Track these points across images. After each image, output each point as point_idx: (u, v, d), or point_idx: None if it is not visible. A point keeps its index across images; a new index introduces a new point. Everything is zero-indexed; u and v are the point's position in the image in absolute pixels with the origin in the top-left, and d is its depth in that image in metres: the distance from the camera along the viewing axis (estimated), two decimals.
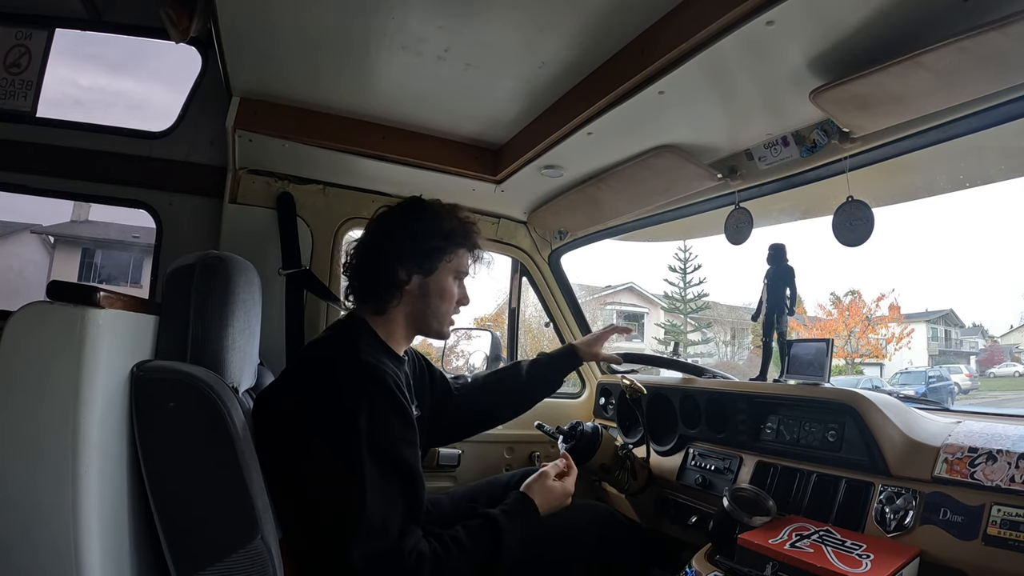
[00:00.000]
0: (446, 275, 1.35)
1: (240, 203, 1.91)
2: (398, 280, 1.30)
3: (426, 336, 1.41)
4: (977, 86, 1.10)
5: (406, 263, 1.30)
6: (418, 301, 1.33)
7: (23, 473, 0.83)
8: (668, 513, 1.75)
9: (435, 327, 1.37)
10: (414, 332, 1.38)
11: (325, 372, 1.18)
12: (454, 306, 1.39)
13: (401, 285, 1.31)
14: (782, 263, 1.71)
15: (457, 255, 1.36)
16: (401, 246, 1.31)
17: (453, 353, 2.33)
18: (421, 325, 1.36)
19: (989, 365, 20.24)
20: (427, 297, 1.34)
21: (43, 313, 0.86)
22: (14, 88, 1.86)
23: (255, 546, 0.96)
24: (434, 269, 1.33)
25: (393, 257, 1.30)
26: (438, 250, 1.33)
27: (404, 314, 1.34)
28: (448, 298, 1.36)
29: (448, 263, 1.35)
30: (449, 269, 1.35)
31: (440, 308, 1.35)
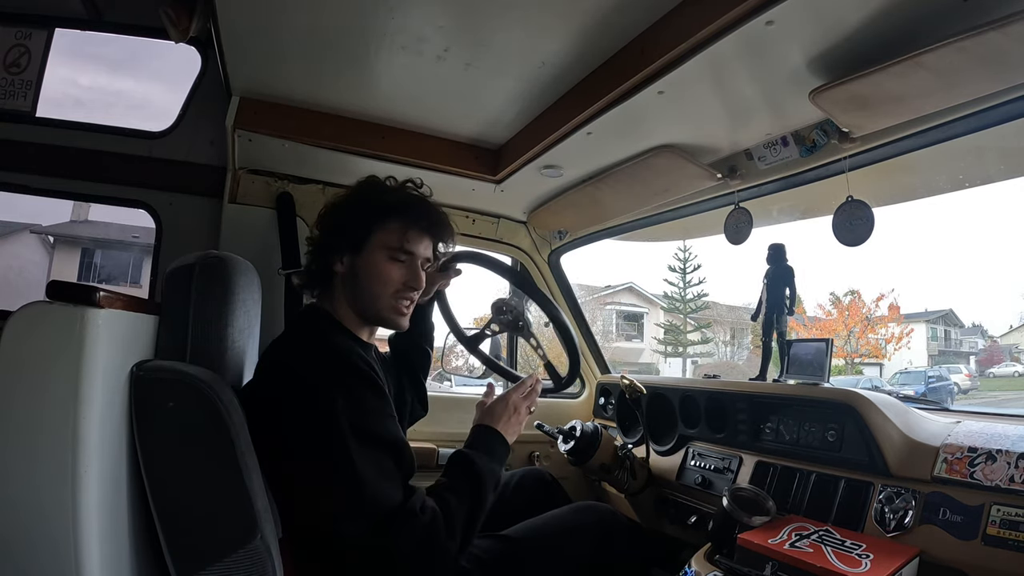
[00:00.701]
0: (376, 253, 1.24)
1: (240, 203, 1.91)
2: (327, 261, 1.25)
3: (373, 323, 1.31)
4: (977, 86, 1.10)
5: (334, 243, 1.25)
6: (350, 284, 1.25)
7: (23, 473, 0.83)
8: (668, 513, 1.75)
9: (372, 312, 1.26)
10: (363, 321, 1.29)
11: (293, 365, 1.15)
12: (395, 288, 1.26)
13: (331, 267, 1.25)
14: (782, 263, 1.71)
15: (387, 230, 1.25)
16: (331, 226, 1.27)
17: (453, 353, 2.32)
18: (362, 311, 1.27)
19: (989, 365, 20.23)
20: (357, 279, 1.25)
21: (43, 313, 0.86)
22: (14, 88, 1.85)
23: (255, 546, 0.96)
24: (361, 247, 1.24)
25: (323, 239, 1.27)
26: (362, 225, 1.24)
27: (344, 300, 1.27)
28: (381, 280, 1.24)
29: (376, 238, 1.24)
30: (378, 246, 1.24)
31: (373, 290, 1.24)
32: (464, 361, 2.28)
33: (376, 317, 1.28)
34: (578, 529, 1.41)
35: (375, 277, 1.24)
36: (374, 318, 1.28)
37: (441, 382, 5.03)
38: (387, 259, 1.25)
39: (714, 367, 18.43)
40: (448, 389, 4.98)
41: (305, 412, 1.09)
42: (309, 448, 1.09)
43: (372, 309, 1.26)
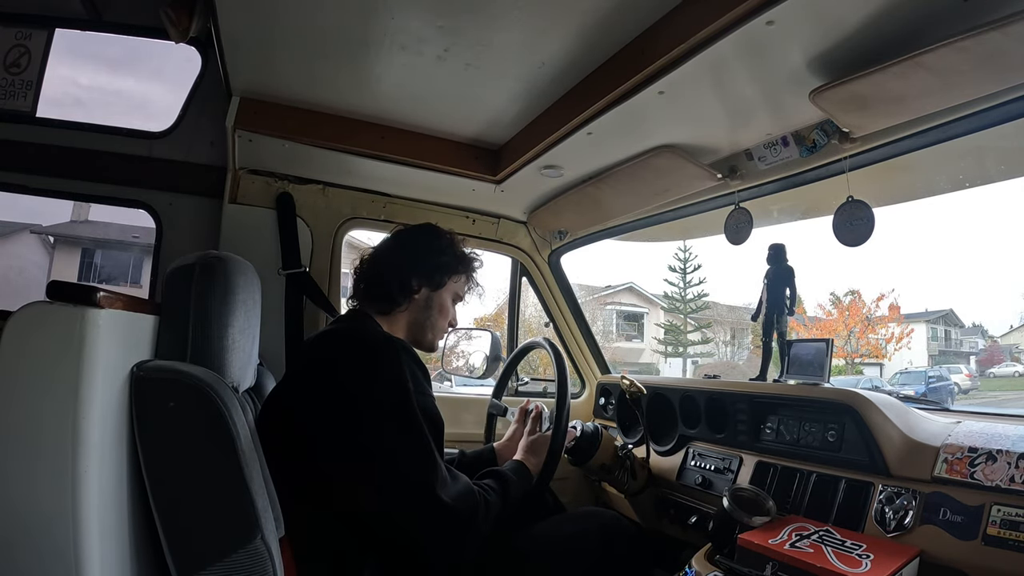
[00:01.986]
0: (448, 294, 1.49)
1: (240, 203, 1.91)
2: (410, 287, 1.42)
3: (418, 347, 1.48)
4: (977, 86, 1.10)
5: (419, 274, 1.43)
6: (421, 311, 1.45)
7: (23, 473, 0.83)
8: (668, 513, 1.75)
9: (429, 338, 1.48)
10: (409, 339, 1.46)
11: (359, 351, 1.23)
12: (447, 325, 1.51)
13: (412, 293, 1.43)
14: (782, 263, 1.71)
15: (460, 279, 1.51)
16: (418, 258, 1.44)
17: (453, 353, 2.33)
18: (418, 334, 1.47)
19: (989, 365, 20.23)
20: (430, 309, 1.46)
21: (43, 313, 0.86)
22: (14, 88, 1.85)
23: (255, 546, 0.96)
24: (441, 285, 1.46)
25: (409, 266, 1.43)
26: (448, 269, 1.46)
27: (406, 320, 1.45)
28: (445, 315, 1.49)
29: (452, 283, 1.49)
30: (451, 289, 1.49)
31: (438, 322, 1.48)
32: (464, 361, 2.28)
33: (428, 342, 1.49)
34: (581, 536, 1.42)
35: (442, 312, 1.48)
36: (426, 342, 1.49)
37: (441, 382, 5.03)
38: (451, 301, 1.51)
39: (714, 367, 18.44)
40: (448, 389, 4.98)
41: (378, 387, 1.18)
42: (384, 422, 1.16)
43: (428, 335, 1.48)
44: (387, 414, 1.17)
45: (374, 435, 1.16)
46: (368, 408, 1.16)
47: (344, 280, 2.12)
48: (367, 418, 1.16)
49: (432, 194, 2.12)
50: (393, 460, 1.15)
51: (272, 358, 1.76)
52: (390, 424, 1.16)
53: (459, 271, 1.49)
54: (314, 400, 1.19)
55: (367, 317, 1.41)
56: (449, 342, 2.33)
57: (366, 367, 1.20)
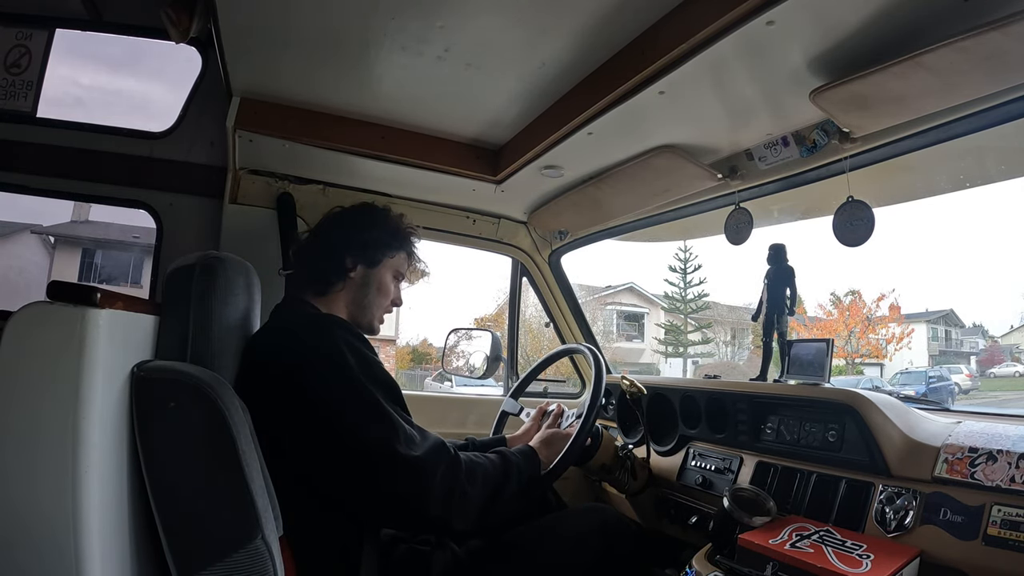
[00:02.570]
0: (386, 271, 1.46)
1: (240, 203, 1.91)
2: (345, 266, 1.40)
3: (359, 326, 1.43)
4: (977, 86, 1.10)
5: (353, 252, 1.40)
6: (358, 290, 1.42)
7: (23, 473, 0.83)
8: (668, 513, 1.75)
9: (367, 318, 1.45)
10: (349, 320, 1.41)
11: (293, 338, 1.23)
12: (388, 303, 1.48)
13: (347, 271, 1.40)
14: (782, 263, 1.71)
15: (399, 256, 1.48)
16: (351, 236, 1.42)
17: (453, 353, 2.33)
18: (357, 314, 1.43)
19: (989, 365, 20.22)
20: (367, 287, 1.43)
21: (43, 313, 0.86)
22: (14, 88, 1.86)
23: (256, 546, 0.96)
24: (377, 263, 1.43)
25: (343, 245, 1.41)
26: (383, 245, 1.44)
27: (344, 300, 1.42)
28: (384, 293, 1.46)
29: (390, 260, 1.46)
30: (390, 266, 1.46)
31: (376, 300, 1.45)
32: (464, 361, 2.29)
33: (367, 322, 1.45)
34: (583, 533, 1.42)
35: (381, 290, 1.45)
36: (365, 323, 1.45)
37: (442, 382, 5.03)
38: (392, 278, 1.47)
39: (715, 367, 18.44)
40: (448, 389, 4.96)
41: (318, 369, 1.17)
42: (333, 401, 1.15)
43: (368, 314, 1.45)
44: (330, 388, 1.16)
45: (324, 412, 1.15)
46: (312, 388, 1.16)
47: None
48: (313, 398, 1.15)
49: (432, 194, 2.12)
50: (345, 428, 1.14)
51: None
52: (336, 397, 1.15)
53: (394, 247, 1.46)
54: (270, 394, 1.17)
55: (302, 303, 1.38)
56: (449, 342, 2.33)
57: (303, 358, 1.19)
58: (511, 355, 2.49)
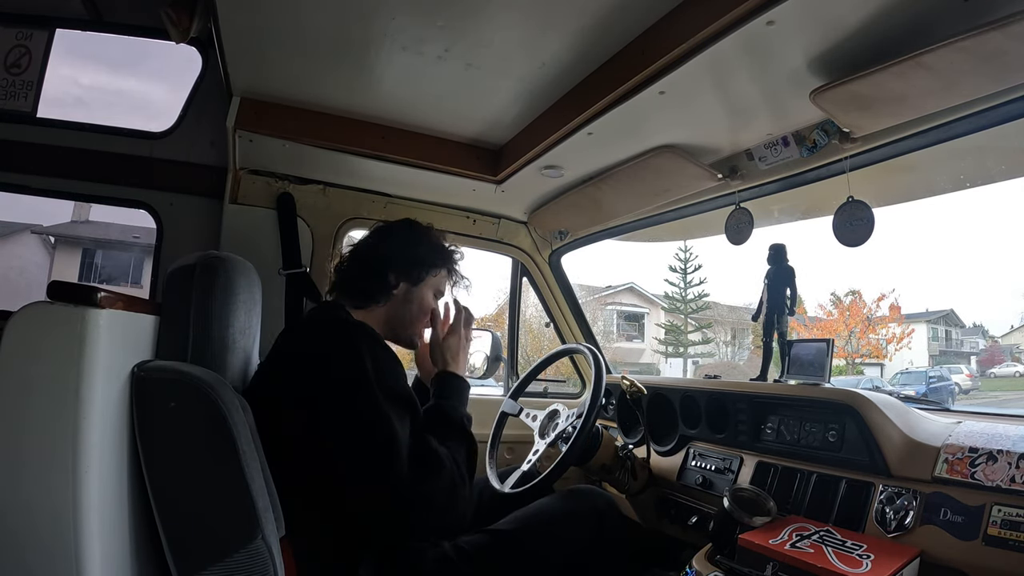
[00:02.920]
0: (428, 289, 1.47)
1: (240, 203, 1.91)
2: (388, 282, 1.40)
3: (396, 341, 1.47)
4: (978, 86, 1.10)
5: (397, 268, 1.41)
6: (399, 306, 1.43)
7: (24, 473, 0.83)
8: (668, 513, 1.75)
9: (407, 333, 1.47)
10: (386, 334, 1.43)
11: (319, 340, 1.24)
12: (427, 320, 1.49)
13: (390, 288, 1.41)
14: (782, 263, 1.70)
15: (440, 275, 1.49)
16: (396, 253, 1.43)
17: None
18: (396, 329, 1.45)
19: (990, 365, 20.22)
20: (408, 304, 1.44)
21: (44, 313, 0.86)
22: (15, 88, 1.86)
23: (256, 546, 0.96)
24: (420, 280, 1.44)
25: (387, 260, 1.41)
26: (427, 264, 1.45)
27: (384, 315, 1.43)
28: (425, 310, 1.47)
29: (432, 278, 1.47)
30: (431, 284, 1.47)
31: (416, 317, 1.46)
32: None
33: (406, 337, 1.48)
34: (573, 515, 1.43)
35: (422, 307, 1.46)
36: (403, 338, 1.47)
37: None
38: (431, 296, 1.48)
39: (715, 367, 18.43)
40: None
41: (337, 373, 1.17)
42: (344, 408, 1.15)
43: (407, 330, 1.46)
44: (342, 397, 1.16)
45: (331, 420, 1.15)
46: (325, 393, 1.16)
47: None
48: (325, 403, 1.16)
49: (433, 194, 2.12)
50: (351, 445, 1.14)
51: None
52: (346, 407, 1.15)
53: (438, 265, 1.47)
54: (281, 393, 1.19)
55: (339, 308, 1.38)
56: None
57: (322, 352, 1.20)
58: (511, 355, 2.49)
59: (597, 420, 1.63)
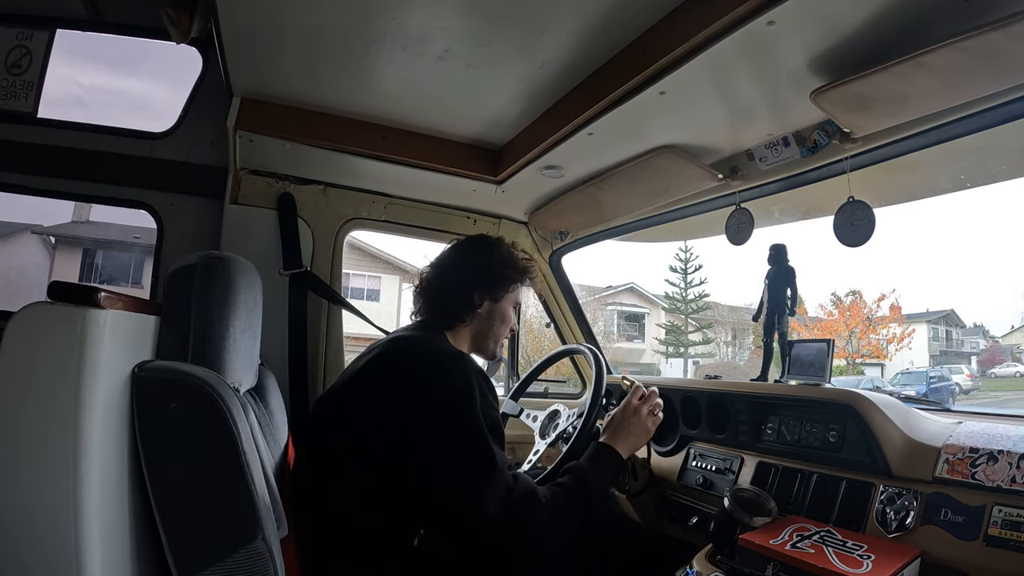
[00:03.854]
0: (508, 304, 1.54)
1: (241, 204, 1.91)
2: (473, 303, 1.47)
3: (481, 355, 1.56)
4: (979, 86, 1.10)
5: (480, 288, 1.48)
6: (484, 323, 1.51)
7: (24, 474, 0.83)
8: (669, 514, 1.75)
9: (491, 347, 1.55)
10: (472, 349, 1.54)
11: (431, 361, 1.30)
12: (508, 331, 1.57)
13: (475, 307, 1.48)
14: (783, 263, 1.70)
15: (519, 288, 1.56)
16: (479, 273, 1.49)
17: None
18: (481, 344, 1.54)
19: (990, 365, 20.22)
20: (492, 320, 1.52)
21: (44, 314, 0.86)
22: (15, 89, 1.86)
23: (256, 546, 0.96)
24: (501, 297, 1.52)
25: (471, 282, 1.48)
26: (507, 280, 1.52)
27: (470, 333, 1.51)
28: (506, 323, 1.55)
29: (511, 293, 1.54)
30: (511, 299, 1.55)
31: (498, 331, 1.54)
32: None
33: (490, 351, 1.56)
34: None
35: (504, 321, 1.55)
36: (489, 351, 1.56)
37: None
38: (511, 310, 1.56)
39: (715, 367, 18.44)
40: None
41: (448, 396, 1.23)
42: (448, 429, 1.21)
43: (492, 344, 1.55)
44: (449, 425, 1.21)
45: (435, 443, 1.20)
46: (433, 418, 1.21)
47: (345, 280, 2.12)
48: (430, 427, 1.20)
49: (433, 194, 2.12)
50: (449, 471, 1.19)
51: (273, 359, 1.76)
52: (452, 435, 1.20)
53: (515, 280, 1.53)
54: (383, 404, 1.24)
55: (436, 330, 1.45)
56: None
57: (437, 377, 1.25)
58: (512, 356, 2.49)
59: (597, 420, 1.63)
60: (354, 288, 15.32)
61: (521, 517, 1.21)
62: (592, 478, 1.38)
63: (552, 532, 1.24)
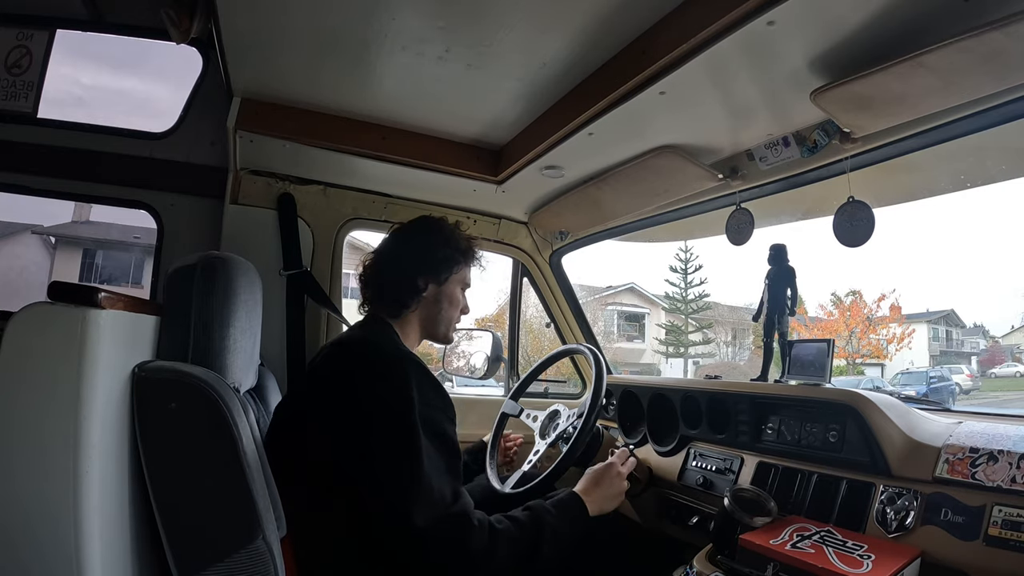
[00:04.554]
0: (455, 285, 1.49)
1: (241, 204, 1.92)
2: (417, 287, 1.43)
3: (433, 340, 1.52)
4: (978, 86, 1.10)
5: (424, 272, 1.44)
6: (431, 307, 1.47)
7: (25, 474, 0.83)
8: (669, 514, 1.75)
9: (443, 331, 1.50)
10: (424, 335, 1.50)
11: (377, 359, 1.25)
12: (459, 313, 1.53)
13: (419, 292, 1.43)
14: (783, 263, 1.70)
15: (464, 268, 1.51)
16: (421, 257, 1.45)
17: (454, 354, 2.33)
18: (431, 329, 1.49)
19: (990, 365, 20.18)
20: (439, 304, 1.47)
21: (45, 314, 0.86)
22: (15, 89, 1.86)
23: (256, 546, 0.96)
24: (446, 279, 1.47)
25: (414, 267, 1.44)
26: (451, 261, 1.47)
27: (418, 319, 1.47)
28: (456, 305, 1.51)
29: (456, 274, 1.49)
30: (457, 280, 1.50)
31: (449, 314, 1.49)
32: (465, 362, 2.28)
33: (443, 335, 1.52)
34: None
35: (453, 304, 1.50)
36: (441, 336, 1.51)
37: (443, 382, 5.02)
38: (460, 289, 1.52)
39: (715, 367, 18.44)
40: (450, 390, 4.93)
41: (382, 395, 1.19)
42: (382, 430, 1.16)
43: (443, 328, 1.50)
44: (382, 433, 1.16)
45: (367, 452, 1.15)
46: (368, 425, 1.16)
47: (346, 280, 2.12)
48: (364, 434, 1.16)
49: (433, 194, 2.12)
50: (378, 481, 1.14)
51: (273, 359, 1.76)
52: (384, 434, 1.16)
53: (460, 261, 1.49)
54: (325, 409, 1.20)
55: (383, 323, 1.41)
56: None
57: (375, 380, 1.21)
58: (512, 356, 2.49)
59: (598, 420, 1.63)
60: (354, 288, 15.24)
61: (451, 535, 1.13)
62: (549, 520, 1.28)
63: (484, 560, 1.15)
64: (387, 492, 1.13)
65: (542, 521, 1.27)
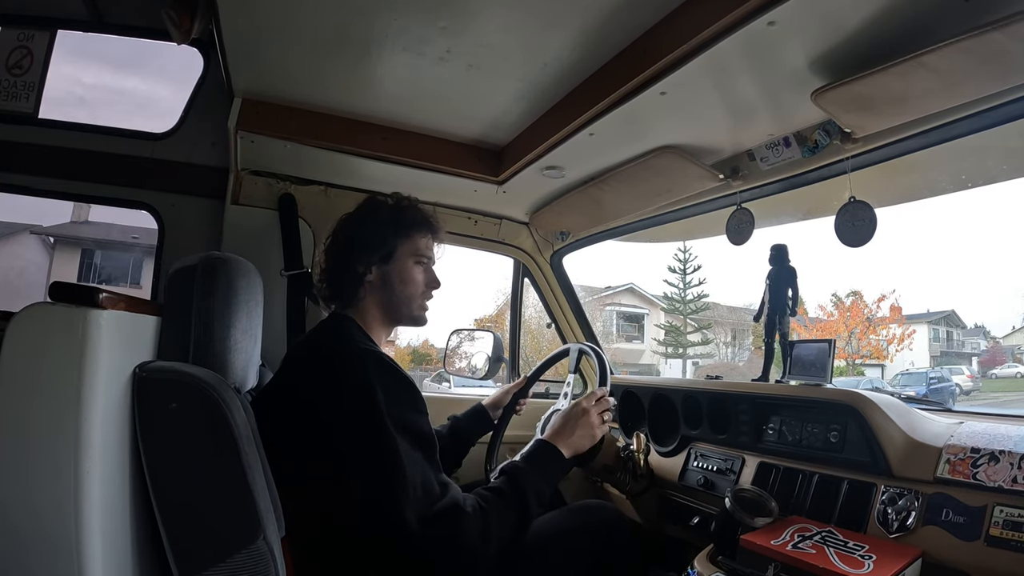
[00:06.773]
0: (404, 260, 1.39)
1: (242, 204, 1.92)
2: (357, 273, 1.36)
3: (401, 323, 1.43)
4: (979, 86, 1.10)
5: (362, 255, 1.36)
6: (382, 290, 1.38)
7: (25, 474, 0.83)
8: (670, 514, 1.75)
9: (405, 312, 1.40)
10: (389, 321, 1.41)
11: (332, 362, 1.21)
12: (422, 290, 1.42)
13: (361, 277, 1.36)
14: (784, 264, 1.70)
15: (412, 240, 1.40)
16: (355, 240, 1.37)
17: (455, 355, 2.33)
18: (392, 312, 1.40)
19: (991, 366, 20.18)
20: (390, 284, 1.38)
21: (45, 314, 0.86)
22: (16, 89, 1.86)
23: (257, 546, 0.96)
24: (391, 257, 1.38)
25: (349, 252, 1.36)
26: (387, 237, 1.37)
27: (374, 305, 1.38)
28: (410, 282, 1.39)
29: (402, 248, 1.38)
30: (406, 254, 1.39)
31: (404, 293, 1.39)
32: (466, 362, 2.28)
33: (407, 317, 1.41)
34: (583, 530, 1.42)
35: (408, 281, 1.39)
36: (405, 318, 1.41)
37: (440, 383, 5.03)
38: (413, 264, 1.40)
39: (715, 368, 18.42)
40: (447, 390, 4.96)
41: (347, 400, 1.14)
42: (352, 436, 1.13)
43: (405, 310, 1.40)
44: (351, 428, 1.13)
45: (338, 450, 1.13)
46: (333, 422, 1.14)
47: None
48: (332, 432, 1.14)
49: (434, 195, 2.12)
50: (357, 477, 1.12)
51: (274, 359, 1.75)
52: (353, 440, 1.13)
53: (400, 233, 1.39)
54: (289, 409, 1.19)
55: (342, 320, 1.35)
56: (451, 343, 2.33)
57: (331, 380, 1.17)
58: (512, 356, 2.49)
59: None
60: None
61: (446, 530, 1.10)
62: (527, 478, 1.25)
63: (482, 545, 1.12)
64: (375, 500, 1.10)
65: (523, 483, 1.24)
